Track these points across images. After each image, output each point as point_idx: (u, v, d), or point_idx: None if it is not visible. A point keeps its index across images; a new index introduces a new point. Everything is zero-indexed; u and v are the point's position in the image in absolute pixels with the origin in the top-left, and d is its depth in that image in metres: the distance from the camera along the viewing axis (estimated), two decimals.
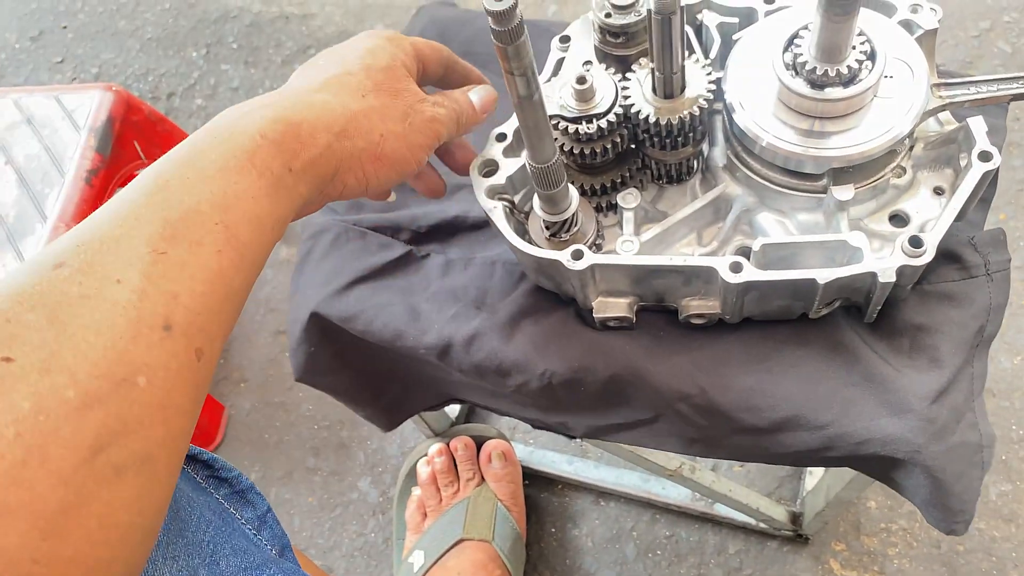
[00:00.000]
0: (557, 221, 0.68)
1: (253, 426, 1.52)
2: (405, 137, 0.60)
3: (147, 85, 1.96)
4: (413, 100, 0.61)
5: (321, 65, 0.61)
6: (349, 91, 0.58)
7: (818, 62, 0.62)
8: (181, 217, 0.45)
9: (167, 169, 0.47)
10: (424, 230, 0.84)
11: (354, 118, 0.57)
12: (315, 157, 0.54)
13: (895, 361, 0.68)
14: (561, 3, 1.88)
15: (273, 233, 0.51)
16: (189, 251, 0.44)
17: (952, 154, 0.69)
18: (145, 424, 0.39)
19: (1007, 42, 1.66)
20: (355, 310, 0.79)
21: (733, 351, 0.71)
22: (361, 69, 0.59)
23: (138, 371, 0.40)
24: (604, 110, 0.67)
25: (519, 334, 0.74)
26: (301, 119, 0.53)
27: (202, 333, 0.43)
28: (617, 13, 0.70)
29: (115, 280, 0.41)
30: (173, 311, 0.42)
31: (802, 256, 0.65)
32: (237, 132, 0.50)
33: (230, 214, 0.47)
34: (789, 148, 0.64)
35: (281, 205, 0.51)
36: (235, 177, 0.48)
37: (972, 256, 0.69)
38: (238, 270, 0.47)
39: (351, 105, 0.57)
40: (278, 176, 0.51)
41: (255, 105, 0.53)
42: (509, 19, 0.49)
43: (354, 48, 0.62)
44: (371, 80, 0.59)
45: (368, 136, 0.57)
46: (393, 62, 0.61)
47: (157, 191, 0.46)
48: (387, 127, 0.59)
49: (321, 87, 0.57)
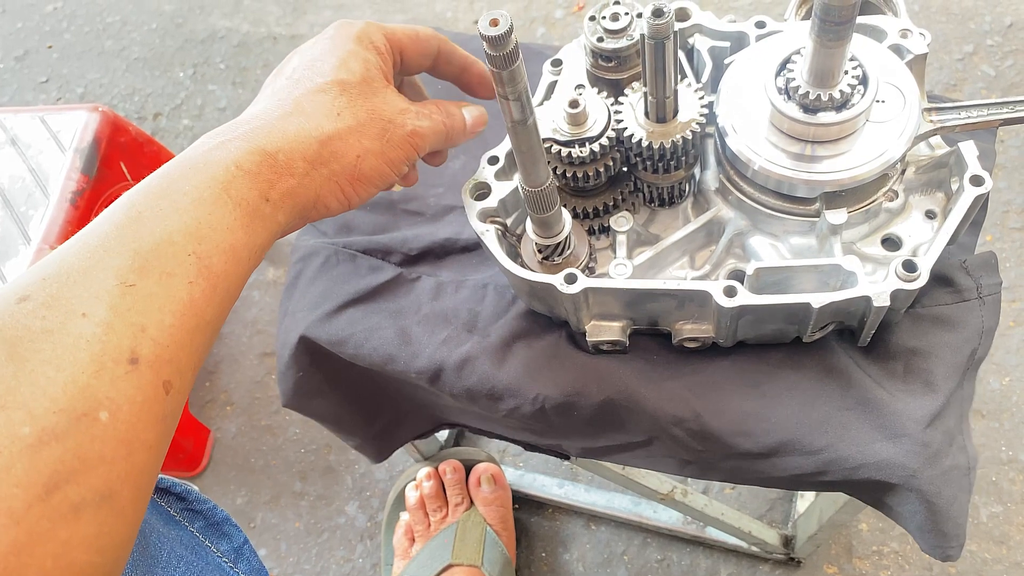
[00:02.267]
0: (550, 244, 0.68)
1: (239, 450, 1.50)
2: (383, 154, 0.58)
3: (133, 105, 1.95)
4: (392, 113, 0.58)
5: (293, 78, 0.58)
6: (323, 112, 0.56)
7: (811, 87, 0.62)
8: (152, 248, 0.44)
9: (140, 200, 0.47)
10: (415, 253, 0.83)
11: (329, 142, 0.55)
12: (293, 187, 0.53)
13: (889, 385, 0.68)
14: (549, 25, 1.89)
15: (249, 263, 0.50)
16: (159, 283, 0.43)
17: (943, 178, 0.69)
18: (107, 460, 0.39)
19: (991, 65, 1.68)
20: (345, 334, 0.78)
21: (727, 375, 0.70)
22: (334, 84, 0.57)
23: (100, 406, 0.39)
24: (597, 134, 0.67)
25: (511, 358, 0.74)
26: (276, 148, 0.52)
27: (171, 365, 0.43)
28: (609, 37, 0.70)
29: (80, 313, 0.40)
30: (140, 344, 0.41)
31: (796, 280, 0.65)
32: (212, 162, 0.49)
33: (204, 245, 0.46)
34: (781, 172, 0.64)
35: (258, 235, 0.50)
36: (209, 208, 0.47)
37: (964, 280, 0.69)
38: (210, 301, 0.46)
39: (326, 128, 0.55)
40: (254, 206, 0.50)
41: (229, 134, 0.52)
42: (504, 44, 0.49)
43: (325, 56, 0.59)
44: (345, 96, 0.57)
45: (344, 159, 0.56)
46: (368, 71, 0.59)
47: (129, 222, 0.45)
48: (364, 146, 0.57)
49: (294, 109, 0.55)
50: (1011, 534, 1.22)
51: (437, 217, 0.86)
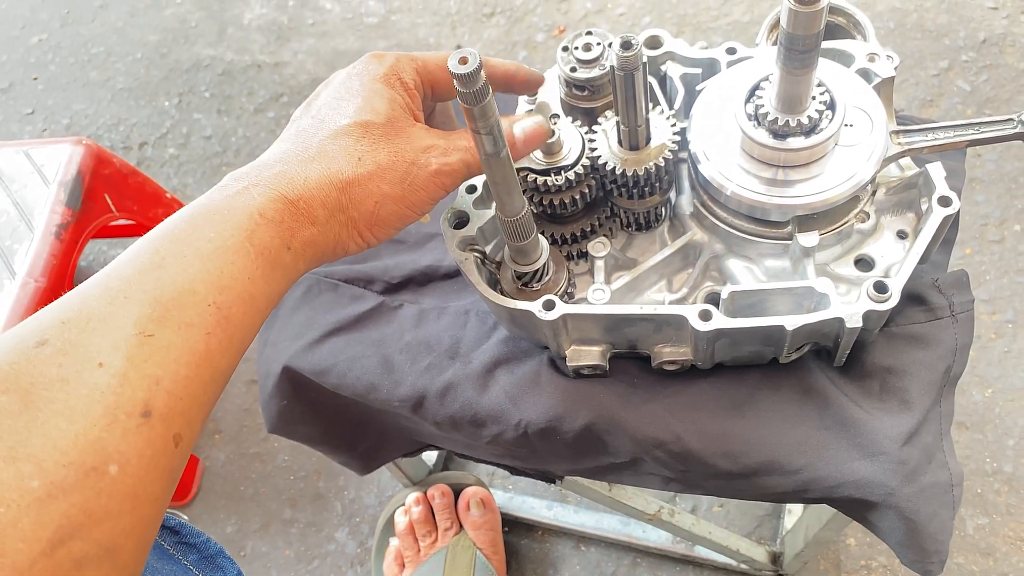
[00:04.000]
0: (528, 271, 0.69)
1: (228, 478, 1.49)
2: (403, 199, 0.57)
3: (119, 135, 1.96)
4: (415, 153, 0.56)
5: (319, 118, 0.57)
6: (344, 157, 0.55)
7: (779, 113, 0.63)
8: (173, 297, 0.44)
9: (163, 245, 0.46)
10: (397, 281, 0.84)
11: (349, 188, 0.54)
12: (315, 235, 0.53)
13: (866, 404, 0.69)
14: (531, 48, 1.91)
15: (266, 311, 0.50)
16: (178, 333, 0.43)
17: (913, 198, 0.70)
18: (112, 514, 0.38)
19: (966, 80, 1.70)
20: (328, 363, 0.79)
21: (707, 397, 0.71)
22: (357, 127, 0.56)
23: (110, 459, 0.38)
24: (571, 162, 0.68)
25: (493, 384, 0.74)
26: (298, 196, 0.52)
27: (182, 418, 0.42)
28: (582, 68, 0.71)
29: (97, 363, 0.40)
30: (154, 396, 0.41)
31: (770, 302, 0.66)
32: (235, 209, 0.49)
33: (224, 295, 0.46)
34: (753, 197, 0.65)
35: (277, 283, 0.50)
36: (232, 256, 0.47)
37: (937, 298, 0.70)
38: (226, 351, 0.46)
39: (346, 173, 0.54)
40: (276, 255, 0.50)
41: (253, 178, 0.52)
42: (474, 81, 0.50)
43: (351, 96, 0.57)
44: (367, 139, 0.56)
45: (363, 205, 0.55)
46: (392, 111, 0.57)
47: (152, 267, 0.45)
48: (384, 191, 0.55)
49: (316, 154, 0.55)
50: (997, 546, 1.23)
51: (419, 245, 0.87)
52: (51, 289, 1.20)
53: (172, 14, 2.12)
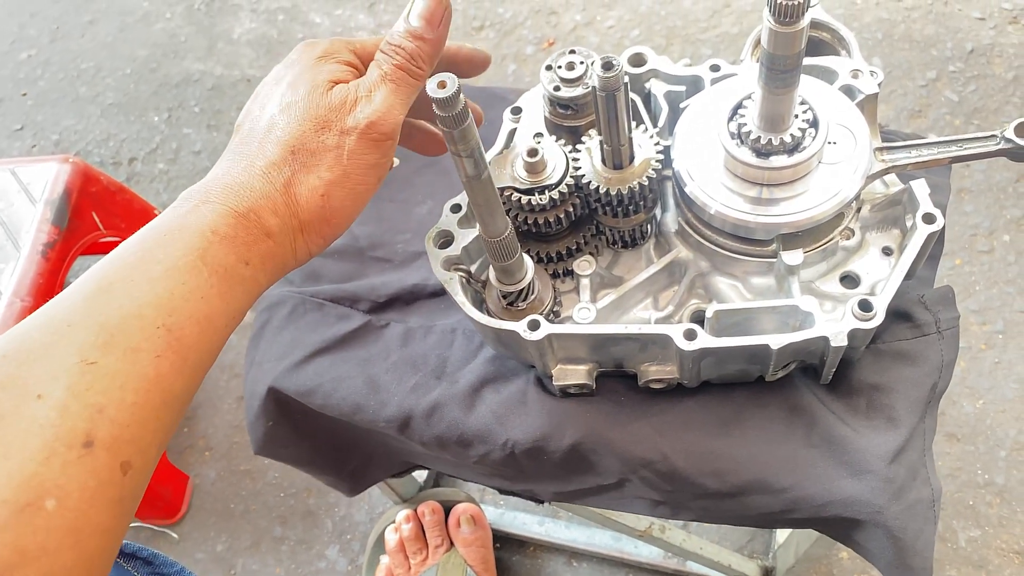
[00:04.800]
0: (513, 291, 0.69)
1: (219, 495, 1.48)
2: (348, 176, 0.53)
3: (108, 151, 1.95)
4: (343, 117, 0.53)
5: (253, 124, 0.55)
6: (279, 155, 0.52)
7: (762, 131, 0.63)
8: (119, 322, 0.43)
9: (111, 270, 0.46)
10: (383, 299, 0.83)
11: (289, 190, 0.52)
12: (271, 247, 0.52)
13: (853, 421, 0.69)
14: (520, 61, 1.91)
15: (226, 329, 0.49)
16: (123, 358, 0.42)
17: (898, 215, 0.70)
18: (49, 551, 0.37)
19: (953, 91, 1.71)
20: (313, 384, 0.78)
21: (693, 415, 0.71)
22: (282, 114, 0.53)
23: (47, 494, 0.38)
24: (555, 181, 0.68)
25: (480, 404, 0.74)
26: (248, 208, 0.51)
27: (131, 445, 0.42)
28: (566, 86, 0.71)
29: (35, 395, 0.39)
30: (97, 426, 0.40)
31: (756, 321, 0.66)
32: (187, 228, 0.48)
33: (175, 316, 0.45)
34: (738, 216, 0.65)
35: (237, 300, 0.49)
36: (183, 277, 0.46)
37: (923, 314, 0.70)
38: (179, 374, 0.45)
39: (284, 174, 0.52)
40: (233, 271, 0.49)
41: (202, 196, 0.51)
42: (453, 105, 0.49)
43: (280, 87, 0.55)
44: (293, 124, 0.53)
45: (310, 203, 0.53)
46: (316, 82, 0.53)
47: (98, 293, 0.44)
48: (324, 179, 0.53)
49: (255, 160, 0.53)
50: (990, 558, 1.22)
51: (405, 263, 0.87)
52: (38, 308, 1.19)
53: (161, 29, 2.12)
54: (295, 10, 2.06)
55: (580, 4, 1.94)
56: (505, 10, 1.97)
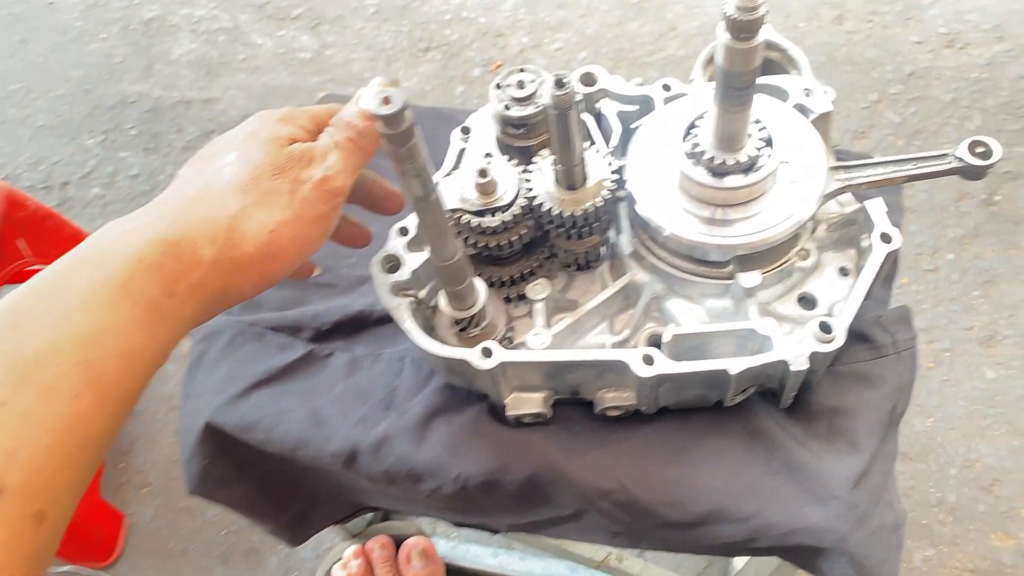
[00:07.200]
0: (465, 317, 0.66)
1: (157, 534, 1.42)
2: (299, 219, 0.53)
3: (39, 175, 1.88)
4: (299, 169, 0.53)
5: (203, 159, 0.55)
6: (229, 190, 0.52)
7: (717, 151, 0.61)
8: (34, 357, 0.40)
9: (26, 302, 0.42)
10: (327, 327, 0.80)
11: (236, 222, 0.51)
12: (200, 278, 0.49)
13: (814, 446, 0.67)
14: (468, 83, 1.89)
15: (151, 365, 0.46)
16: (37, 398, 0.39)
17: (854, 235, 0.69)
18: None
19: (895, 112, 1.74)
20: (253, 419, 0.74)
21: (652, 443, 0.68)
22: (238, 159, 0.53)
23: None
24: (507, 203, 0.66)
25: (430, 436, 0.71)
26: (181, 235, 0.48)
27: (45, 493, 0.38)
28: (516, 105, 0.69)
29: None
30: (7, 472, 0.37)
31: (714, 344, 0.64)
32: (110, 257, 0.45)
33: (95, 351, 0.42)
34: (692, 238, 0.63)
35: (161, 334, 0.46)
36: (105, 309, 0.43)
37: (881, 335, 0.70)
38: (99, 414, 0.42)
39: (231, 207, 0.51)
40: (156, 303, 0.46)
41: (131, 223, 0.48)
42: (398, 122, 0.47)
43: (236, 134, 0.55)
44: (249, 166, 0.52)
45: (256, 238, 0.51)
46: (276, 136, 0.54)
47: (10, 328, 0.41)
48: (275, 218, 0.52)
49: (199, 193, 0.51)
50: None
51: (350, 289, 0.83)
52: None
53: (97, 49, 2.06)
54: (236, 31, 2.01)
55: (527, 26, 1.94)
56: (451, 32, 1.96)
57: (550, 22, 1.94)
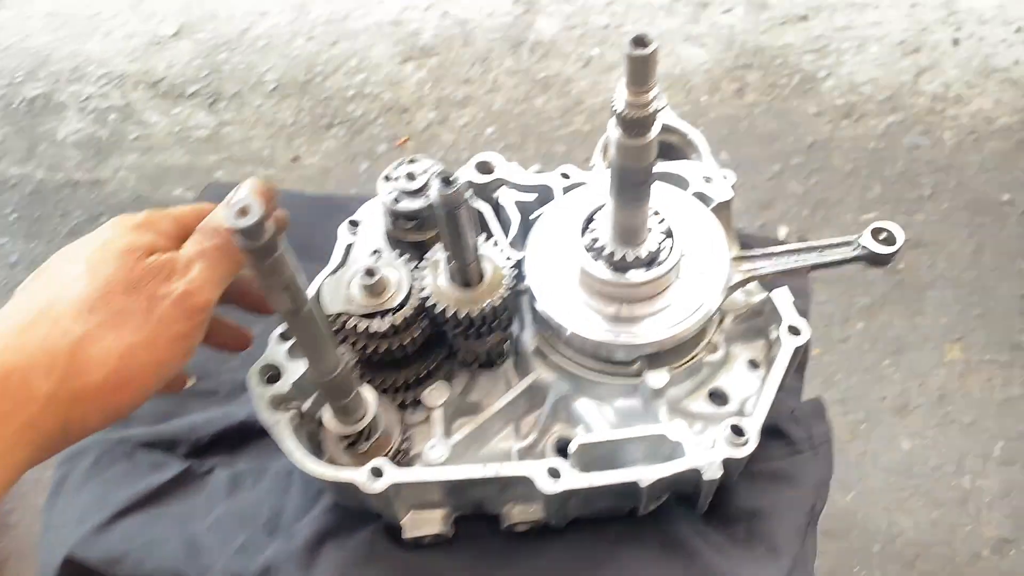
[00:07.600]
0: (353, 432, 0.60)
1: None
2: (155, 341, 0.48)
3: None
4: (157, 284, 0.49)
5: (45, 277, 0.49)
6: (73, 310, 0.46)
7: (617, 246, 0.58)
8: None
9: None
10: (206, 441, 0.73)
11: (79, 348, 0.45)
12: (33, 416, 0.44)
13: (733, 553, 0.63)
14: (373, 159, 1.85)
15: None
16: None
17: (762, 326, 0.67)
18: None
19: (798, 183, 1.77)
20: (120, 551, 0.67)
21: (563, 560, 0.63)
22: (86, 273, 0.47)
23: None
24: (398, 304, 0.61)
25: (321, 562, 0.64)
26: (11, 369, 0.43)
27: None
28: (406, 198, 0.64)
29: None
30: None
31: (624, 451, 0.60)
32: None
33: None
34: (596, 337, 0.59)
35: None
36: None
37: (796, 431, 0.67)
38: None
39: (74, 330, 0.46)
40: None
41: None
42: (258, 235, 0.41)
43: (87, 243, 0.50)
44: (99, 282, 0.47)
45: (104, 365, 0.46)
46: (131, 246, 0.49)
47: None
48: (126, 341, 0.47)
49: (37, 315, 0.46)
50: None
51: (232, 396, 0.76)
52: None
53: None
54: (128, 108, 1.93)
55: (433, 102, 1.92)
56: (355, 107, 1.93)
57: (456, 97, 1.93)
